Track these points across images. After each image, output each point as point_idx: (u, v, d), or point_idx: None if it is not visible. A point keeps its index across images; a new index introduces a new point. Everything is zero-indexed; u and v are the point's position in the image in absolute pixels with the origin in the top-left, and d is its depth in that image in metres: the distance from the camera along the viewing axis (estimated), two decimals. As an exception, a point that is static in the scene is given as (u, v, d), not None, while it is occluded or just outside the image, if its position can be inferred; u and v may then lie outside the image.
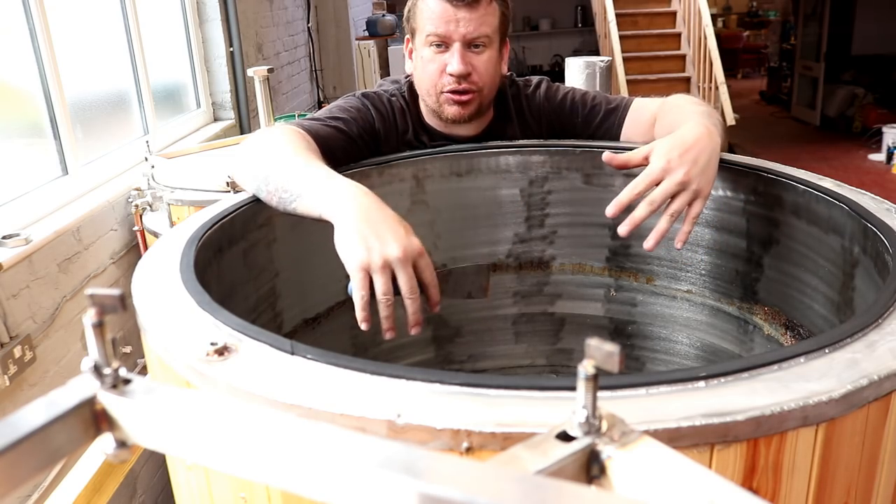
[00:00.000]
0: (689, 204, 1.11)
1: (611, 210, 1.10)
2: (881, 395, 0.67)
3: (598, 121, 1.51)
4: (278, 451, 0.45)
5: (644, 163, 1.12)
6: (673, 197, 1.10)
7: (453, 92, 1.40)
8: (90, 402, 0.49)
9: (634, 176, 1.13)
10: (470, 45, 1.38)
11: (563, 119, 1.54)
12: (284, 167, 1.15)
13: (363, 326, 0.99)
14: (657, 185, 1.10)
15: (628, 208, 1.12)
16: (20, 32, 2.22)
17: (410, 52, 1.48)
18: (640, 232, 1.48)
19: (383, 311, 0.98)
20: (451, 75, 1.38)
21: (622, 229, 1.11)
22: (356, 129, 1.41)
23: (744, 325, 1.37)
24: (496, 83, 1.46)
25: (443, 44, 1.38)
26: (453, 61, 1.37)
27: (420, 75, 1.44)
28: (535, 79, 1.59)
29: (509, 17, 1.45)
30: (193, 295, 0.87)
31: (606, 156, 1.15)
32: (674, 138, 1.14)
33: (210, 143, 2.92)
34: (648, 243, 1.12)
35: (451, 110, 1.42)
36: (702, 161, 1.11)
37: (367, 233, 0.98)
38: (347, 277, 1.00)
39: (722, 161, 1.33)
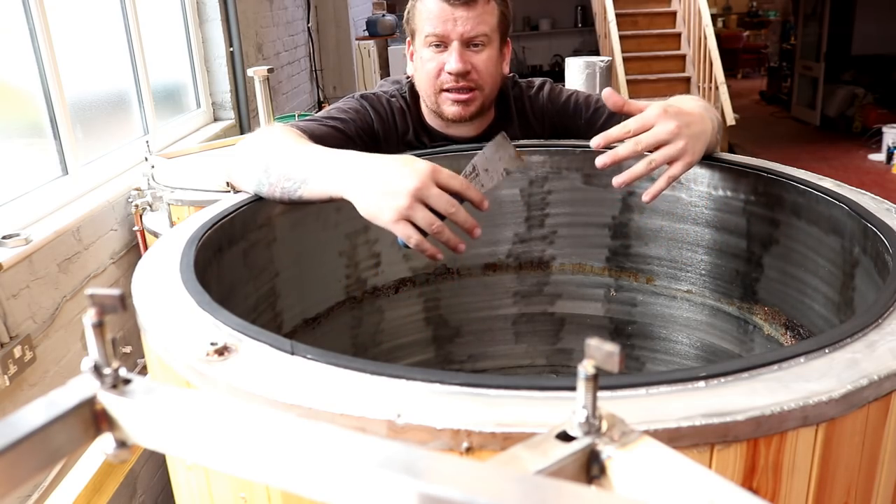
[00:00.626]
0: (671, 162, 1.10)
1: (596, 141, 1.08)
2: (881, 395, 0.67)
3: (601, 123, 1.51)
4: (278, 451, 0.45)
5: (638, 112, 1.12)
6: (658, 147, 1.09)
7: (453, 90, 1.40)
8: (90, 402, 0.49)
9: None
10: (468, 44, 1.38)
11: (566, 121, 1.54)
12: (284, 156, 1.15)
13: (439, 257, 1.00)
14: (647, 131, 1.08)
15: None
16: (20, 32, 2.22)
17: (412, 55, 1.48)
18: (639, 232, 1.49)
19: (442, 237, 0.99)
20: (449, 73, 1.39)
21: (600, 160, 1.07)
22: (354, 129, 1.41)
23: (744, 325, 1.37)
24: (497, 82, 1.46)
25: (441, 43, 1.39)
26: (451, 60, 1.38)
27: (420, 76, 1.45)
28: (537, 80, 1.59)
29: (509, 18, 1.45)
30: (193, 295, 0.87)
31: (606, 91, 1.13)
32: (671, 102, 1.14)
33: (210, 143, 2.93)
34: (617, 180, 1.09)
35: (452, 110, 1.43)
36: (695, 129, 1.12)
37: (379, 186, 0.99)
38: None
39: (722, 161, 1.33)
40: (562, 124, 1.54)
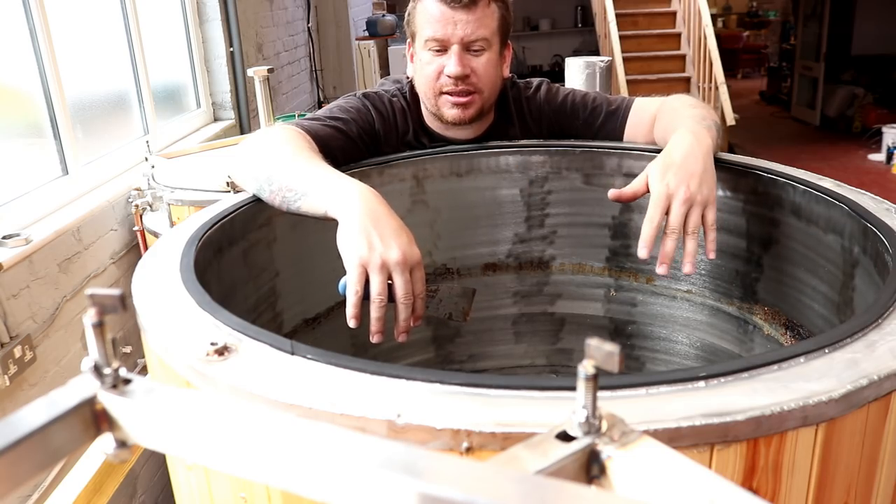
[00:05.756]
0: (703, 215, 1.11)
1: (643, 252, 1.09)
2: (881, 395, 0.67)
3: (599, 122, 1.51)
4: (278, 451, 0.45)
5: (647, 189, 1.13)
6: (686, 216, 1.10)
7: (452, 93, 1.40)
8: (90, 402, 0.49)
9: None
10: (468, 47, 1.38)
11: (563, 121, 1.54)
12: (288, 166, 1.15)
13: (351, 323, 0.99)
14: (668, 210, 1.10)
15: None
16: (20, 32, 2.22)
17: (412, 56, 1.48)
18: (639, 232, 1.48)
19: (375, 311, 0.98)
20: (448, 77, 1.38)
21: (661, 269, 1.10)
22: (356, 129, 1.41)
23: (744, 325, 1.37)
24: (497, 86, 1.46)
25: (441, 47, 1.38)
26: (451, 63, 1.37)
27: (419, 78, 1.44)
28: (535, 80, 1.58)
29: (510, 21, 1.45)
30: (193, 295, 0.87)
31: (613, 193, 1.15)
32: (664, 158, 1.15)
33: (210, 143, 2.92)
34: (686, 269, 1.11)
35: (452, 113, 1.42)
36: (697, 171, 1.12)
37: (372, 231, 0.99)
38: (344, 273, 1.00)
39: (722, 161, 1.33)
40: (559, 124, 1.54)
